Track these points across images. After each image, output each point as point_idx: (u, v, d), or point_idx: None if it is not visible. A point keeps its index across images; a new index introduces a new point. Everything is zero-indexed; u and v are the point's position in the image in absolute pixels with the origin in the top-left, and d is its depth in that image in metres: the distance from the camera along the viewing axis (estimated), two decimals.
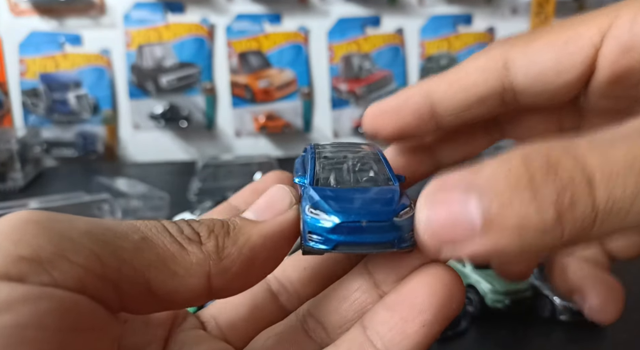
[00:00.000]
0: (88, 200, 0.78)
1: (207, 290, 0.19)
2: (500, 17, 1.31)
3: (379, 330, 0.20)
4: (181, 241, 0.19)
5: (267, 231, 0.21)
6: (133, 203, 0.85)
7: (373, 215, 0.20)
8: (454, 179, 0.18)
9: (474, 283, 0.57)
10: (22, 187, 1.02)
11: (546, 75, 0.24)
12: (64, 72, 1.21)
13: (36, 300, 0.15)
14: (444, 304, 0.20)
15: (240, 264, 0.20)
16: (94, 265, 0.17)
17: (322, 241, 0.20)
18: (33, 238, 0.16)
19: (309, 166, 0.23)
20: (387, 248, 0.20)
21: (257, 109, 1.27)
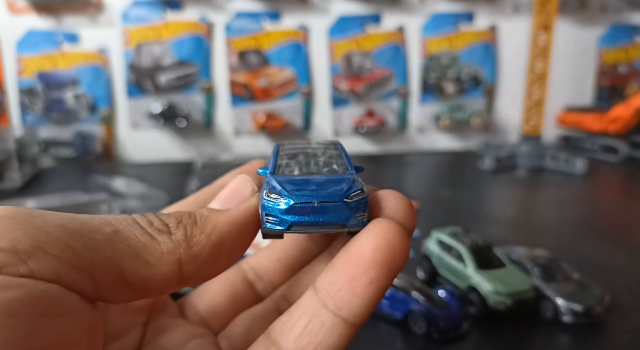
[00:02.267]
0: (86, 200, 0.78)
1: (179, 277, 0.20)
2: (502, 15, 1.31)
3: (329, 291, 0.21)
4: (151, 232, 0.20)
5: (233, 218, 0.22)
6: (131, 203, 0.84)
7: (324, 196, 0.21)
8: None
9: (476, 284, 0.56)
10: (19, 186, 1.01)
11: None
12: (61, 71, 1.20)
13: (6, 288, 0.16)
14: (387, 258, 0.21)
15: (209, 250, 0.21)
16: (68, 256, 0.17)
17: (278, 222, 0.21)
18: (9, 231, 0.17)
19: (272, 158, 0.25)
20: (339, 228, 0.21)
21: (256, 108, 1.26)
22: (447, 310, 0.53)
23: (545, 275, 0.58)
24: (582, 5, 1.31)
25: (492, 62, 1.33)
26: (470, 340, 0.53)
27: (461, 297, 0.56)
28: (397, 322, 0.54)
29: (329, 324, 0.21)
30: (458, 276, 0.60)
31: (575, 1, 1.29)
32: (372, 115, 1.30)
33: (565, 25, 1.31)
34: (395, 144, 1.33)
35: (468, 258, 0.59)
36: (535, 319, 0.56)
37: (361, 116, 1.30)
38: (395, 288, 0.56)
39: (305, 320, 0.21)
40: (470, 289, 0.57)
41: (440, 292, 0.56)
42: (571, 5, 1.29)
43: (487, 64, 1.32)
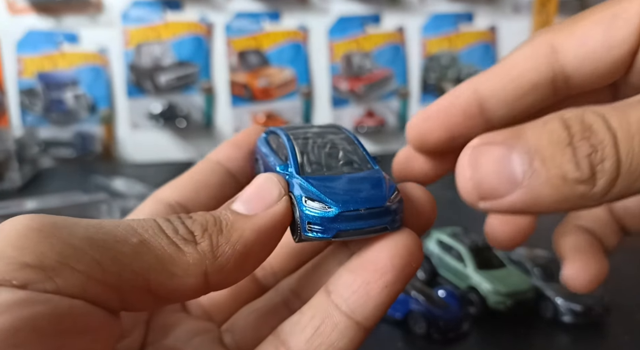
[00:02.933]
0: (86, 200, 0.78)
1: (204, 287, 0.20)
2: (502, 15, 1.31)
3: (343, 293, 0.21)
4: (177, 242, 0.20)
5: (259, 226, 0.21)
6: (131, 203, 0.84)
7: (369, 202, 0.21)
8: (498, 136, 0.19)
9: (476, 284, 0.56)
10: (19, 187, 1.01)
11: (596, 53, 0.24)
12: (61, 71, 1.20)
13: (32, 304, 0.16)
14: (405, 264, 0.21)
15: (234, 260, 0.20)
16: (95, 271, 0.17)
17: (323, 230, 0.21)
18: (36, 245, 0.17)
19: (289, 153, 0.24)
20: (382, 231, 0.21)
21: (256, 108, 1.26)
22: (447, 310, 0.53)
23: (545, 275, 0.58)
24: (582, 5, 1.31)
25: (492, 62, 1.33)
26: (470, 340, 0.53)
27: (461, 297, 0.56)
28: (397, 322, 0.54)
29: (342, 326, 0.21)
30: (458, 276, 0.60)
31: (575, 1, 1.29)
32: (372, 115, 1.30)
33: None
34: (395, 144, 1.33)
35: (468, 258, 0.59)
36: (535, 319, 0.56)
37: (361, 116, 1.30)
38: None
39: (318, 321, 0.21)
40: (470, 289, 0.57)
41: (440, 292, 0.56)
42: (571, 5, 1.28)
43: (487, 64, 1.32)
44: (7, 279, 0.16)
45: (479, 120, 0.26)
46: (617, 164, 0.17)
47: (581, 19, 0.24)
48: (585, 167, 0.18)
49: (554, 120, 0.19)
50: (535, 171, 0.18)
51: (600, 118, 0.18)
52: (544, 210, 0.19)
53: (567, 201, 0.18)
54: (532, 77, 0.25)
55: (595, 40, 0.24)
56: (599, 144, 0.18)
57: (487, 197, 0.20)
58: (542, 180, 0.18)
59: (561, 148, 0.18)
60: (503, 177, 0.19)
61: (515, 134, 0.19)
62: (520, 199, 0.19)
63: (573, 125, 0.18)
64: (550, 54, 0.25)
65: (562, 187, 0.18)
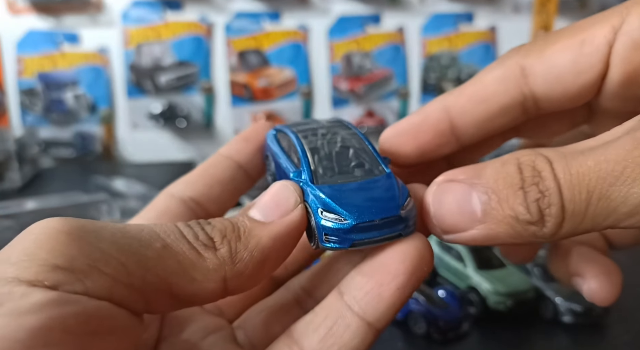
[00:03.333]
0: (86, 200, 0.78)
1: (223, 292, 0.21)
2: (502, 15, 1.31)
3: (356, 295, 0.22)
4: (198, 248, 0.20)
5: (276, 233, 0.22)
6: (131, 204, 0.84)
7: (384, 212, 0.22)
8: (461, 174, 0.21)
9: (476, 285, 0.56)
10: (19, 187, 1.01)
11: (565, 78, 0.25)
12: (61, 71, 1.20)
13: (62, 305, 0.16)
14: (417, 267, 0.22)
15: (252, 266, 0.21)
16: (121, 274, 0.18)
17: (339, 241, 0.22)
18: (66, 248, 0.18)
19: (301, 157, 0.24)
20: (395, 238, 0.22)
21: (256, 108, 1.26)
22: (447, 310, 0.53)
23: (545, 275, 0.58)
24: (582, 5, 1.31)
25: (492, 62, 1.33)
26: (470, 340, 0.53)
27: (461, 297, 0.56)
28: (397, 322, 0.54)
29: (354, 326, 0.21)
30: (458, 276, 0.60)
31: (575, 1, 1.29)
32: (372, 115, 1.30)
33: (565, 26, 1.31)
34: None
35: (468, 258, 0.59)
36: (535, 319, 0.56)
37: (361, 116, 1.30)
38: None
39: (331, 321, 0.22)
40: (470, 289, 0.57)
41: (440, 292, 0.56)
42: (571, 5, 1.28)
43: (487, 64, 1.32)
44: (39, 279, 0.17)
45: (449, 138, 0.27)
46: (562, 210, 0.19)
47: (551, 42, 0.25)
48: (534, 211, 0.19)
49: (511, 163, 0.20)
50: (493, 210, 0.20)
51: (549, 165, 0.20)
52: (502, 243, 0.21)
53: (522, 238, 0.20)
54: (502, 99, 0.26)
55: (564, 65, 0.24)
56: (545, 190, 0.19)
57: (450, 231, 0.22)
58: (498, 219, 0.20)
59: (514, 191, 0.20)
60: (463, 214, 0.21)
61: (476, 174, 0.21)
62: (479, 234, 0.21)
63: (525, 169, 0.20)
64: (519, 77, 0.26)
65: (515, 226, 0.20)
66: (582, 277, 0.29)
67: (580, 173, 0.19)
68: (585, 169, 0.19)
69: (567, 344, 0.53)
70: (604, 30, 0.24)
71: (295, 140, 0.25)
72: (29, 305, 0.16)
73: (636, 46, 0.23)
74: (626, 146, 0.18)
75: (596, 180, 0.18)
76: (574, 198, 0.19)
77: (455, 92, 0.27)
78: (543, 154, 0.20)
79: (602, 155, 0.19)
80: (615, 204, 0.18)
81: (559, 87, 0.25)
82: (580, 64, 0.24)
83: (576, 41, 0.24)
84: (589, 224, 0.19)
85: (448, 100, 0.27)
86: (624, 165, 0.18)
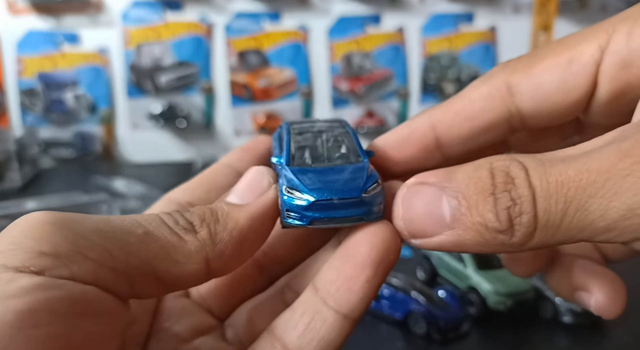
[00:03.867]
0: (86, 201, 0.78)
1: (207, 273, 0.22)
2: (502, 15, 1.31)
3: (329, 289, 0.22)
4: (178, 232, 0.21)
5: (252, 213, 0.23)
6: (131, 204, 0.84)
7: (344, 192, 0.22)
8: (432, 177, 0.21)
9: (476, 285, 0.56)
10: (19, 187, 1.01)
11: (552, 97, 0.24)
12: (61, 72, 1.20)
13: (49, 289, 0.17)
14: (383, 258, 0.22)
15: (232, 246, 0.22)
16: (106, 259, 0.19)
17: (299, 218, 0.22)
18: (51, 236, 0.18)
19: (285, 145, 0.25)
20: (357, 221, 0.22)
21: (256, 109, 1.26)
22: (447, 311, 0.53)
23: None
24: (582, 6, 1.31)
25: (492, 62, 1.33)
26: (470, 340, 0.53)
27: (461, 298, 0.56)
28: (397, 322, 0.55)
29: (331, 320, 0.22)
30: (458, 276, 0.60)
31: (575, 1, 1.29)
32: (372, 115, 1.30)
33: (565, 26, 1.31)
34: None
35: (468, 258, 0.59)
36: (535, 319, 0.56)
37: (361, 117, 1.30)
38: (395, 288, 0.56)
39: (308, 317, 0.22)
40: (470, 289, 0.57)
41: (440, 292, 0.56)
42: (571, 5, 1.28)
43: (487, 64, 1.32)
44: (26, 265, 0.17)
45: (435, 154, 0.27)
46: (534, 219, 0.18)
47: (538, 59, 0.25)
48: (504, 219, 0.19)
49: (483, 168, 0.20)
50: (462, 216, 0.20)
51: (524, 172, 0.19)
52: (470, 251, 0.21)
53: (490, 246, 0.20)
54: (488, 117, 0.26)
55: (551, 83, 0.24)
56: (518, 198, 0.19)
57: (418, 236, 0.21)
58: (466, 226, 0.20)
59: (484, 197, 0.19)
60: (432, 219, 0.20)
61: (447, 177, 0.20)
62: (447, 240, 0.20)
63: (498, 175, 0.19)
64: (506, 95, 0.25)
65: (484, 234, 0.19)
66: (588, 291, 0.28)
67: (559, 182, 0.18)
68: (564, 177, 0.18)
69: (567, 344, 0.53)
70: (590, 48, 0.23)
71: (284, 132, 0.26)
72: (15, 290, 0.16)
73: (623, 65, 0.23)
74: (610, 158, 0.18)
75: (575, 190, 0.18)
76: (549, 208, 0.18)
77: (441, 108, 0.27)
78: (518, 160, 0.19)
79: (585, 165, 0.18)
80: (593, 217, 0.18)
81: (545, 105, 0.25)
82: (567, 83, 0.24)
83: (563, 59, 0.24)
84: (563, 236, 0.19)
85: (435, 115, 0.27)
86: (606, 177, 0.17)
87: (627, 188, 0.17)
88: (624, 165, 0.17)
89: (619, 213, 0.17)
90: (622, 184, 0.17)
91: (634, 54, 0.22)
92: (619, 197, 0.17)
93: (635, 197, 0.17)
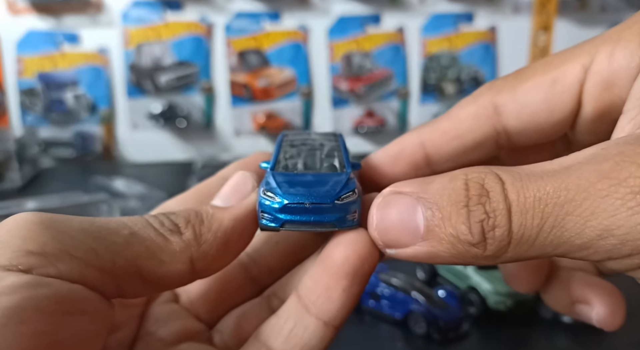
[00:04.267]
0: (86, 200, 0.78)
1: (191, 273, 0.22)
2: (502, 15, 1.31)
3: (310, 297, 0.23)
4: (164, 233, 0.22)
5: (236, 215, 0.24)
6: (131, 203, 0.84)
7: (316, 197, 0.22)
8: (408, 186, 0.21)
9: (476, 285, 0.56)
10: (19, 187, 1.01)
11: (538, 117, 0.25)
12: (61, 71, 1.20)
13: (36, 287, 0.17)
14: (357, 269, 0.22)
15: (217, 246, 0.22)
16: (92, 258, 0.19)
17: (272, 220, 0.23)
18: (38, 236, 0.19)
19: (274, 152, 0.26)
20: (329, 227, 0.23)
21: (256, 108, 1.26)
22: (447, 310, 0.53)
23: None
24: (582, 6, 1.31)
25: (492, 62, 1.33)
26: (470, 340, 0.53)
27: (461, 297, 0.56)
28: (397, 322, 0.55)
29: (312, 327, 0.23)
30: (458, 276, 0.60)
31: (575, 1, 1.29)
32: (372, 115, 1.30)
33: (565, 26, 1.31)
34: None
35: None
36: (535, 319, 0.57)
37: (361, 116, 1.30)
38: (395, 288, 0.56)
39: (291, 324, 0.23)
40: (470, 289, 0.57)
41: (440, 292, 0.56)
42: (571, 5, 1.28)
43: (487, 64, 1.32)
44: (13, 264, 0.17)
45: (425, 171, 0.28)
46: (508, 234, 0.18)
47: (523, 79, 0.25)
48: (476, 232, 0.19)
49: (458, 179, 0.20)
50: (435, 227, 0.19)
51: (499, 185, 0.19)
52: (444, 262, 0.20)
53: (463, 259, 0.20)
54: (475, 136, 0.27)
55: (536, 103, 0.25)
56: (492, 212, 0.18)
57: (392, 246, 0.21)
58: (440, 237, 0.19)
59: (458, 209, 0.19)
60: (407, 229, 0.20)
61: (423, 187, 0.20)
62: (421, 251, 0.20)
63: (472, 187, 0.19)
64: (492, 115, 0.26)
65: (457, 246, 0.19)
66: (588, 304, 0.28)
67: (536, 198, 0.18)
68: (542, 194, 0.18)
69: (567, 344, 0.53)
70: (574, 69, 0.24)
71: (278, 140, 0.27)
72: (3, 288, 0.17)
73: (606, 85, 0.23)
74: (590, 178, 0.18)
75: (553, 207, 0.18)
76: (525, 223, 0.18)
77: (430, 126, 0.28)
78: (495, 172, 0.19)
79: (563, 183, 0.18)
80: (569, 235, 0.18)
81: (531, 124, 0.25)
82: (552, 103, 0.25)
83: (547, 79, 0.25)
84: (537, 251, 0.19)
85: (423, 134, 0.28)
86: (584, 196, 0.17)
87: (604, 209, 0.17)
88: (603, 187, 0.17)
89: (595, 232, 0.17)
90: (600, 205, 0.17)
91: (615, 74, 0.23)
92: (596, 217, 0.17)
93: (612, 218, 0.17)
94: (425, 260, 0.21)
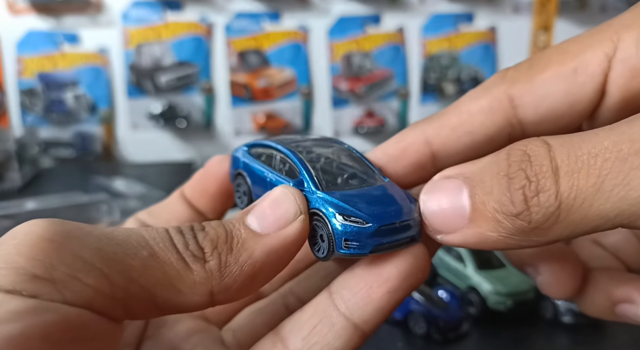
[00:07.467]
0: (86, 201, 0.78)
1: (208, 304, 0.20)
2: (502, 15, 1.31)
3: (344, 294, 0.21)
4: (186, 258, 0.20)
5: (270, 247, 0.21)
6: (131, 204, 0.84)
7: (402, 215, 0.21)
8: (456, 168, 0.20)
9: (476, 285, 0.56)
10: (19, 187, 1.01)
11: (557, 109, 0.23)
12: (61, 72, 1.20)
13: (42, 313, 0.16)
14: (410, 273, 0.21)
15: (241, 280, 0.20)
16: (103, 285, 0.18)
17: (360, 246, 0.21)
18: (47, 257, 0.17)
19: (300, 168, 0.23)
20: (411, 242, 0.21)
21: (256, 109, 1.26)
22: (447, 311, 0.53)
23: None
24: (582, 6, 1.31)
25: (492, 62, 1.33)
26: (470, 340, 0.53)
27: (461, 297, 0.56)
28: (397, 322, 0.55)
29: (339, 326, 0.21)
30: (458, 276, 0.60)
31: (575, 1, 1.29)
32: (372, 115, 1.30)
33: (565, 26, 1.31)
34: None
35: (468, 258, 0.59)
36: (535, 319, 0.56)
37: (361, 116, 1.30)
38: None
39: (316, 320, 0.21)
40: (470, 289, 0.57)
41: (440, 292, 0.56)
42: (571, 5, 1.28)
43: (487, 64, 1.32)
44: (17, 289, 0.16)
45: (431, 171, 0.26)
46: (556, 197, 0.16)
47: (539, 69, 0.23)
48: (518, 200, 0.17)
49: (502, 151, 0.18)
50: (480, 204, 0.18)
51: (544, 148, 0.17)
52: (496, 247, 0.18)
53: (512, 237, 0.17)
54: (489, 131, 0.25)
55: (556, 96, 0.23)
56: (534, 176, 0.16)
57: (442, 231, 0.20)
58: (485, 216, 0.18)
59: (498, 180, 0.17)
60: (453, 212, 0.19)
61: (469, 168, 0.19)
62: (469, 234, 0.19)
63: (513, 154, 0.17)
64: (508, 109, 0.24)
65: (502, 223, 0.17)
66: (633, 303, 0.27)
67: (592, 154, 0.15)
68: (599, 149, 0.15)
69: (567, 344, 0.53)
70: (596, 57, 0.22)
71: (288, 152, 0.24)
72: (6, 314, 0.15)
73: (634, 74, 0.21)
74: None
75: (613, 162, 0.15)
76: (576, 184, 0.16)
77: (436, 122, 0.26)
78: (542, 139, 0.18)
79: (625, 134, 0.15)
80: (635, 194, 0.15)
81: (549, 116, 0.24)
82: (573, 95, 0.23)
83: (567, 69, 0.23)
84: (595, 220, 0.16)
85: (429, 130, 0.25)
86: None
87: None
88: None
89: None
90: None
91: None
92: None
93: None
94: (476, 246, 0.19)
